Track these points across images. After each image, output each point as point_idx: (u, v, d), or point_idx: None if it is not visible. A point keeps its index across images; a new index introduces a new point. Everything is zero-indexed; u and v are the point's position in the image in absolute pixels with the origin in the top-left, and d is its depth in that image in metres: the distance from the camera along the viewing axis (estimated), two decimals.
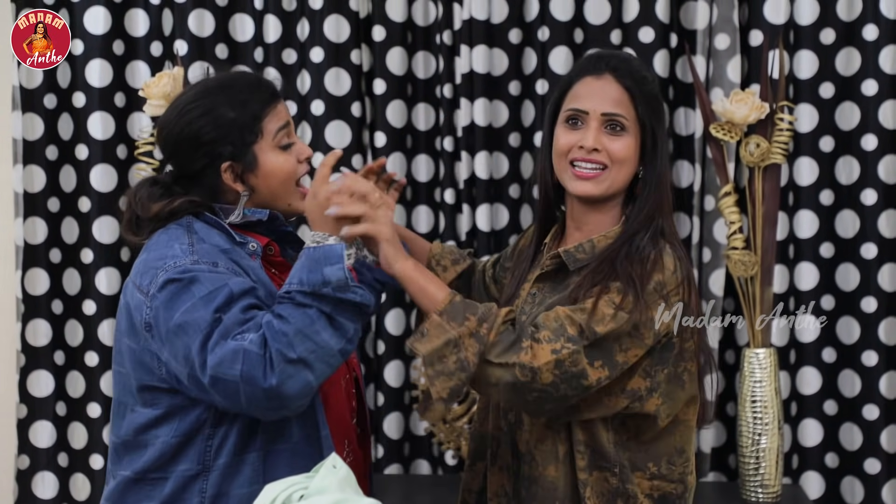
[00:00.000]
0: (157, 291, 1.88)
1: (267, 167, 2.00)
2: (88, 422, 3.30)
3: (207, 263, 1.89)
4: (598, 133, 1.98)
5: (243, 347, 1.81)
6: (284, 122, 2.02)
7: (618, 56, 2.05)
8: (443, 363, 1.84)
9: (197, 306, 1.85)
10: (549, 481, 1.99)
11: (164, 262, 1.90)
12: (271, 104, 2.01)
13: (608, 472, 1.97)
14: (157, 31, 3.28)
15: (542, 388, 1.84)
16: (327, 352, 1.86)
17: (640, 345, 1.90)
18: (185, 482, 1.95)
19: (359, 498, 1.54)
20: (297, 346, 1.82)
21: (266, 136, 1.99)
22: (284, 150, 2.02)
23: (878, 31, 3.11)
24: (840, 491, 3.21)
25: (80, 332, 3.31)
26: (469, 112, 3.19)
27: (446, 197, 3.23)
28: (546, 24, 3.19)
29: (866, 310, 3.16)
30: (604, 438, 1.96)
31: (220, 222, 2.00)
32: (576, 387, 1.86)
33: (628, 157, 1.99)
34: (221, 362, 1.82)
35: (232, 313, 1.85)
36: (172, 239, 1.94)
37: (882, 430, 3.16)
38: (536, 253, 2.13)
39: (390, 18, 3.22)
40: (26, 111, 3.25)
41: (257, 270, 1.97)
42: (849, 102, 3.16)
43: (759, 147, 2.90)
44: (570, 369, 1.84)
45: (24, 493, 3.31)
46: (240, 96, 1.98)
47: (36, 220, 3.27)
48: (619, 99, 1.99)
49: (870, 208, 3.14)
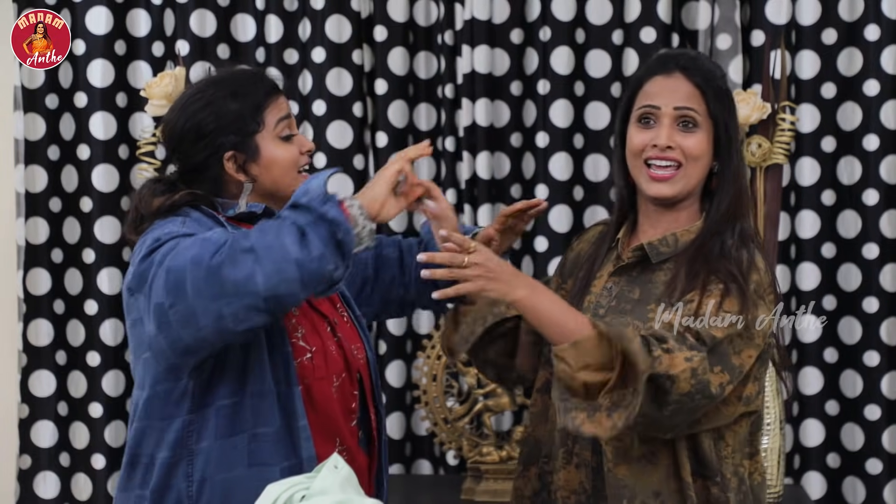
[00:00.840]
0: (140, 262, 1.89)
1: (269, 157, 2.01)
2: (90, 422, 3.30)
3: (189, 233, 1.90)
4: (670, 130, 1.98)
5: (203, 237, 1.83)
6: (285, 114, 2.04)
7: (686, 55, 2.06)
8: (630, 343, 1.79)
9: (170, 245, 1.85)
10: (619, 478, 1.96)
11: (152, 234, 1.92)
12: (272, 96, 2.03)
13: (710, 482, 1.95)
14: (158, 31, 3.28)
15: (679, 399, 1.81)
16: (282, 254, 1.77)
17: (752, 346, 1.90)
18: (169, 468, 1.96)
19: (361, 498, 1.54)
20: (254, 238, 1.79)
21: (267, 126, 2.01)
22: (286, 140, 2.03)
23: (880, 31, 3.11)
24: (842, 491, 3.21)
25: (81, 332, 3.31)
26: (470, 112, 3.19)
27: (448, 197, 3.22)
28: (547, 24, 3.19)
29: (868, 310, 3.16)
30: (705, 446, 1.95)
31: (216, 215, 2.01)
32: (707, 395, 1.83)
33: (702, 153, 1.99)
34: (177, 254, 1.82)
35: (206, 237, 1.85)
36: (167, 224, 1.95)
37: (884, 430, 3.16)
38: (608, 250, 2.11)
39: (392, 18, 3.22)
40: (28, 111, 3.25)
41: None
42: (850, 103, 3.15)
43: (760, 147, 2.90)
44: (703, 377, 1.82)
45: (26, 492, 3.31)
46: (241, 89, 2.01)
47: (37, 220, 3.27)
48: (690, 94, 1.99)
49: (871, 208, 3.14)
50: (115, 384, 3.29)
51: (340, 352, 2.07)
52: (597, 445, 1.99)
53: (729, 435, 1.98)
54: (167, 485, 1.97)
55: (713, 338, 1.86)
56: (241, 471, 1.96)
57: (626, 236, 2.08)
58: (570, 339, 1.82)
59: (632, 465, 1.96)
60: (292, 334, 2.01)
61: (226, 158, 2.00)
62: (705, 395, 1.83)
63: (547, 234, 3.19)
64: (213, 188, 2.03)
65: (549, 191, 3.19)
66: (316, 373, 2.02)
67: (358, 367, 2.11)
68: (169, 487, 1.97)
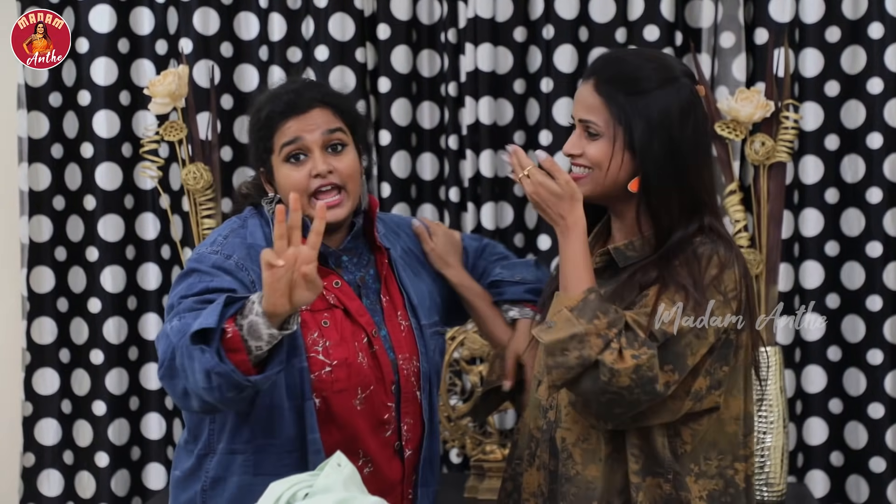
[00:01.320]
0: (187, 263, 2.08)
1: (278, 178, 2.10)
2: (94, 420, 3.31)
3: (221, 255, 2.03)
4: (576, 138, 2.02)
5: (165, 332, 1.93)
6: (290, 139, 2.06)
7: (604, 57, 2.08)
8: (564, 356, 1.86)
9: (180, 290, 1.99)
10: (588, 481, 1.97)
11: (197, 249, 2.09)
12: (279, 120, 2.07)
13: (661, 479, 1.96)
14: (161, 29, 3.28)
15: (617, 391, 1.85)
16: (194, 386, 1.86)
17: (704, 344, 1.91)
18: (198, 460, 2.09)
19: (363, 497, 1.54)
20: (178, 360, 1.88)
21: (275, 150, 2.09)
22: (294, 163, 2.07)
23: (884, 29, 3.10)
24: (845, 490, 3.21)
25: (85, 330, 3.32)
26: (474, 110, 3.19)
27: (451, 195, 3.23)
28: (551, 23, 3.18)
29: (872, 308, 3.15)
30: (658, 444, 1.95)
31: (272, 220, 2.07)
32: (648, 392, 1.86)
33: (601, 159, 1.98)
34: (158, 338, 1.95)
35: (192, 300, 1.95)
36: (220, 231, 2.11)
37: (887, 428, 3.15)
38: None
39: (395, 17, 3.22)
40: (31, 109, 3.26)
41: None
42: (854, 101, 3.15)
43: (764, 145, 2.90)
44: (647, 374, 1.84)
45: (30, 490, 3.32)
46: (265, 108, 2.10)
47: (41, 218, 3.27)
48: (590, 104, 1.99)
49: (875, 207, 3.14)
50: (118, 382, 3.29)
51: (375, 363, 2.08)
52: (553, 448, 2.02)
53: (686, 432, 1.97)
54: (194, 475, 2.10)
55: (665, 333, 1.87)
56: (247, 478, 2.04)
57: (598, 239, 2.10)
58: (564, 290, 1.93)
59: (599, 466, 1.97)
60: (311, 349, 2.03)
61: (260, 171, 2.14)
62: (646, 391, 1.85)
63: (550, 233, 3.18)
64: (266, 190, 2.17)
65: None
66: (335, 385, 2.04)
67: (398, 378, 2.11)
68: (196, 476, 2.09)
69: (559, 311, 1.90)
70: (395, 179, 3.24)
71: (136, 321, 3.33)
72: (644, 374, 1.84)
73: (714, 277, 1.92)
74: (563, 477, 2.00)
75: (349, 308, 2.08)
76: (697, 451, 1.98)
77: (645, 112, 1.96)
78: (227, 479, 2.05)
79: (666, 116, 1.96)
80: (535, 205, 1.97)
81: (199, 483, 2.08)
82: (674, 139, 1.96)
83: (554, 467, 2.02)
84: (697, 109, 2.00)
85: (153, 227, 3.32)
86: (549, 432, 2.04)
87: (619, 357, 1.84)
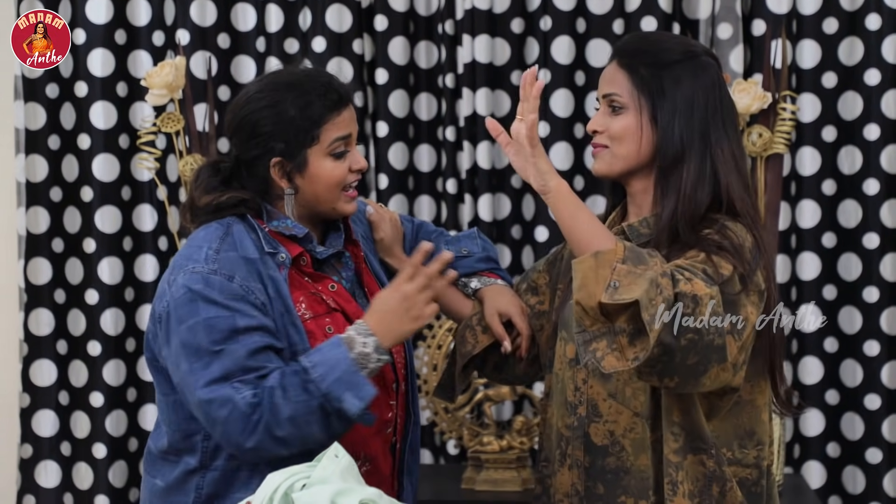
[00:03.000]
0: (175, 291, 1.93)
1: (315, 171, 2.00)
2: (91, 411, 3.31)
3: (223, 276, 1.92)
4: (600, 115, 2.00)
5: (234, 401, 1.87)
6: (345, 133, 2.01)
7: (627, 36, 2.08)
8: (655, 307, 1.71)
9: (199, 329, 1.90)
10: (642, 471, 1.93)
11: (187, 264, 1.95)
12: (334, 111, 2.00)
13: (704, 455, 1.90)
14: (158, 20, 3.27)
15: (697, 328, 1.73)
16: (310, 441, 1.89)
17: (752, 302, 1.84)
18: (186, 475, 2.01)
19: (361, 487, 1.55)
20: (286, 428, 1.88)
21: (322, 142, 1.99)
22: (338, 157, 2.01)
23: (881, 20, 3.10)
24: (842, 480, 3.21)
25: (82, 322, 3.32)
26: (471, 102, 3.19)
27: (448, 187, 3.23)
28: (548, 14, 3.18)
29: (868, 300, 3.16)
30: (701, 419, 1.89)
31: (258, 228, 2.00)
32: (720, 333, 1.76)
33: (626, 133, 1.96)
34: (211, 402, 1.88)
35: (238, 352, 1.89)
36: (205, 241, 1.97)
37: (884, 419, 3.16)
38: None
39: (392, 8, 3.21)
40: (28, 101, 3.25)
41: (279, 283, 1.97)
42: (851, 92, 3.15)
43: (761, 137, 2.90)
44: (718, 310, 1.76)
45: (27, 482, 3.32)
46: (305, 97, 1.98)
47: (38, 209, 3.27)
48: (613, 78, 1.99)
49: (872, 198, 3.14)
50: (115, 374, 3.29)
51: None
52: (589, 444, 1.97)
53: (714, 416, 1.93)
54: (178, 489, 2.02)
55: (721, 275, 1.82)
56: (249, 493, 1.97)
57: (616, 222, 2.06)
58: (592, 249, 1.78)
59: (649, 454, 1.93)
60: None
61: (272, 163, 2.00)
62: (719, 331, 1.76)
63: (548, 224, 3.19)
64: (259, 187, 2.03)
65: None
66: None
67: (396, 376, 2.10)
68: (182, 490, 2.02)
69: (612, 267, 1.73)
70: (392, 171, 3.24)
71: (134, 313, 3.33)
72: (715, 309, 1.75)
73: (752, 245, 1.88)
74: (612, 471, 1.95)
75: (347, 311, 2.05)
76: (730, 436, 1.94)
77: (668, 83, 1.95)
78: (228, 495, 1.99)
79: (689, 88, 1.95)
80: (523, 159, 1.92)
81: (189, 498, 2.01)
82: (696, 112, 1.94)
83: (590, 464, 1.97)
84: (722, 88, 1.98)
85: (150, 218, 3.31)
86: (581, 428, 1.98)
87: (692, 284, 1.75)
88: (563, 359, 2.04)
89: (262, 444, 1.88)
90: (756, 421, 1.97)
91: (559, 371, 2.05)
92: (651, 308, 1.70)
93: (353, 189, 2.04)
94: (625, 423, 1.95)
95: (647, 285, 1.71)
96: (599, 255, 1.75)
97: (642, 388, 1.93)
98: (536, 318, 2.17)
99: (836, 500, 3.21)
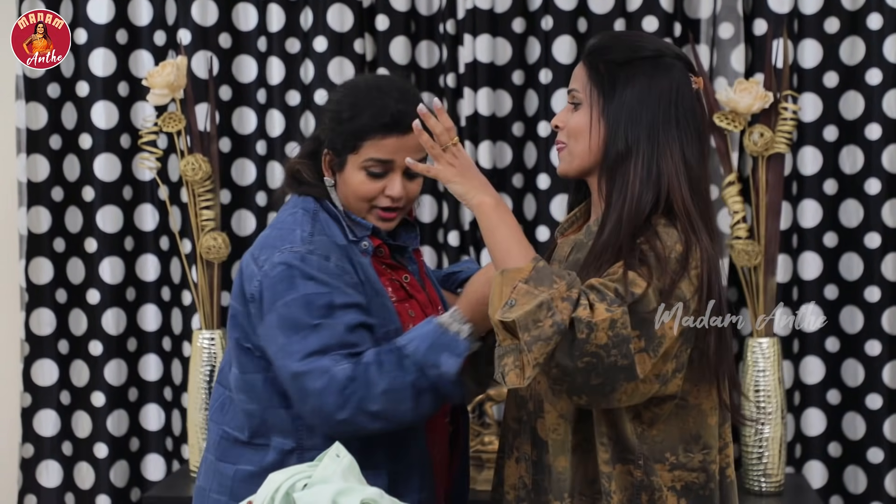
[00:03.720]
0: (270, 269, 2.00)
1: (348, 177, 2.08)
2: (92, 410, 3.31)
3: (319, 256, 2.00)
4: (563, 111, 2.00)
5: (331, 372, 1.92)
6: (384, 158, 2.05)
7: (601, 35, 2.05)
8: (538, 328, 1.74)
9: (298, 304, 1.96)
10: (559, 472, 1.95)
11: (282, 244, 2.02)
12: (379, 134, 2.04)
13: (632, 465, 1.91)
14: (160, 20, 3.27)
15: (594, 353, 1.75)
16: (400, 418, 1.96)
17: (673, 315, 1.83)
18: (282, 455, 2.04)
19: (362, 487, 1.55)
20: (379, 402, 1.93)
21: (360, 155, 2.06)
22: (371, 176, 2.06)
23: (883, 19, 3.10)
24: (843, 480, 3.21)
25: (84, 321, 3.32)
26: (472, 101, 3.19)
27: None
28: (550, 14, 3.18)
29: (870, 299, 3.16)
30: (628, 430, 1.90)
31: (339, 216, 2.08)
32: (625, 354, 1.76)
33: (581, 129, 1.94)
34: (308, 373, 1.93)
35: (336, 327, 1.95)
36: (296, 224, 2.05)
37: (885, 419, 3.16)
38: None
39: (394, 8, 3.21)
40: (30, 100, 3.25)
41: (367, 268, 2.06)
42: (853, 92, 3.15)
43: (762, 136, 2.90)
44: (622, 332, 1.76)
45: (29, 481, 3.32)
46: (366, 106, 2.06)
47: (39, 209, 3.27)
48: (577, 74, 1.99)
49: (874, 198, 3.14)
50: (116, 373, 3.30)
51: None
52: (536, 438, 1.98)
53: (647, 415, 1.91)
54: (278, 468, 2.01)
55: (633, 294, 1.79)
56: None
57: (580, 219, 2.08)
58: (506, 265, 1.83)
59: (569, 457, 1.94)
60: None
61: (324, 151, 2.10)
62: (623, 353, 1.76)
63: (549, 224, 3.19)
64: (316, 167, 2.12)
65: (551, 180, 3.19)
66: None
67: None
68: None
69: (513, 286, 1.79)
70: None
71: (135, 312, 3.34)
72: (619, 331, 1.76)
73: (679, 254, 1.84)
74: (547, 467, 1.97)
75: (419, 300, 2.14)
76: (675, 440, 1.93)
77: (621, 80, 1.92)
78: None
79: (643, 87, 1.91)
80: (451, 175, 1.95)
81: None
82: (646, 112, 1.91)
83: (537, 458, 1.99)
84: (684, 91, 1.93)
85: (152, 218, 3.32)
86: (529, 423, 2.01)
87: (592, 311, 1.76)
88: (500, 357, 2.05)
89: (354, 418, 1.92)
90: (702, 425, 1.95)
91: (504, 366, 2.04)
92: (534, 329, 1.75)
93: (388, 212, 2.10)
94: (551, 422, 1.96)
95: (533, 307, 1.75)
96: (506, 272, 1.81)
97: None
98: None
99: (837, 499, 3.21)
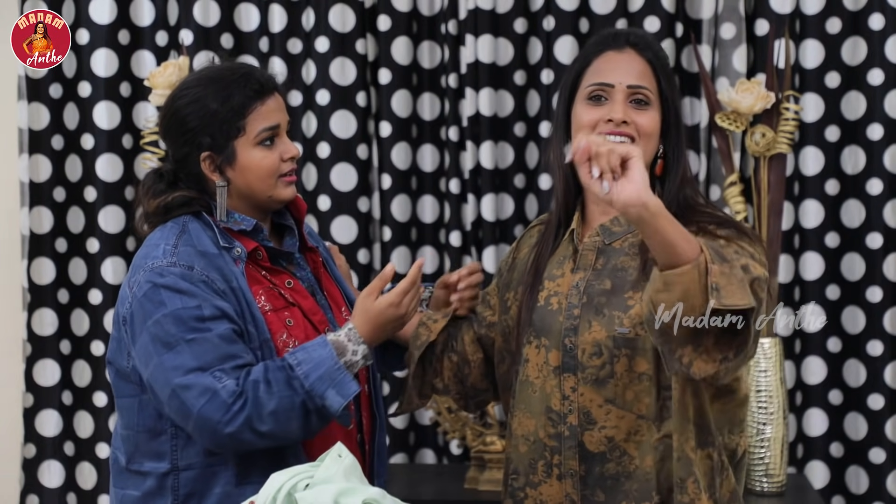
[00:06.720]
0: (138, 290, 1.95)
1: (245, 162, 2.01)
2: (95, 411, 3.31)
3: (183, 267, 1.95)
4: (624, 106, 1.94)
5: (215, 390, 1.89)
6: (271, 124, 2.02)
7: (635, 32, 2.03)
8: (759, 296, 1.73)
9: (168, 321, 1.92)
10: (646, 472, 1.91)
11: (146, 262, 1.97)
12: (257, 101, 2.01)
13: (711, 448, 1.90)
14: (162, 20, 3.28)
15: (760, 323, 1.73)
16: (288, 436, 1.95)
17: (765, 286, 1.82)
18: (160, 479, 2.01)
19: (364, 487, 1.55)
20: (268, 422, 1.91)
21: (248, 133, 2.01)
22: (267, 147, 2.02)
23: (885, 20, 3.10)
24: (845, 480, 3.21)
25: (86, 322, 3.32)
26: (474, 102, 3.19)
27: (451, 187, 3.22)
28: (551, 14, 3.18)
29: (872, 299, 3.15)
30: (710, 414, 1.90)
31: (213, 224, 2.02)
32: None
33: (654, 130, 1.95)
34: (189, 388, 1.90)
35: (210, 340, 1.91)
36: (161, 239, 2.00)
37: (887, 419, 3.16)
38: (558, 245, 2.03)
39: (395, 8, 3.21)
40: (32, 101, 3.26)
41: (238, 278, 1.99)
42: (855, 92, 3.15)
43: (764, 137, 2.90)
44: (759, 294, 1.75)
45: (31, 481, 3.32)
46: (227, 90, 2.00)
47: (41, 209, 3.28)
48: (643, 72, 1.96)
49: (876, 198, 3.14)
50: None
51: None
52: (584, 452, 1.94)
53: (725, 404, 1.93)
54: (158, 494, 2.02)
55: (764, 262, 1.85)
56: (229, 488, 1.99)
57: (580, 227, 2.01)
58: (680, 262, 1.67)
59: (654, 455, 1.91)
60: (283, 350, 2.01)
61: (202, 158, 2.02)
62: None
63: None
64: (196, 184, 2.05)
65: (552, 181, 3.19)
66: None
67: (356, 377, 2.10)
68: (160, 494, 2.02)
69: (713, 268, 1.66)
70: (395, 171, 3.24)
71: None
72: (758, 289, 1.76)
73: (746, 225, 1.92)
74: (612, 477, 1.92)
75: (303, 307, 2.07)
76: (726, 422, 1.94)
77: (676, 88, 2.01)
78: (207, 492, 1.99)
79: (678, 98, 2.02)
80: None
81: (167, 500, 2.01)
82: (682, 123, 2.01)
83: (586, 472, 1.94)
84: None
85: None
86: (573, 438, 1.94)
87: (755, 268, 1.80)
88: (545, 367, 1.98)
89: (240, 435, 1.90)
90: (745, 407, 1.98)
91: (536, 380, 1.99)
92: (761, 293, 1.75)
93: (290, 175, 2.06)
94: (627, 427, 1.92)
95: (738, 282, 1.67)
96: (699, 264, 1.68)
97: (646, 391, 1.91)
98: (487, 329, 2.16)
99: (839, 500, 3.21)
